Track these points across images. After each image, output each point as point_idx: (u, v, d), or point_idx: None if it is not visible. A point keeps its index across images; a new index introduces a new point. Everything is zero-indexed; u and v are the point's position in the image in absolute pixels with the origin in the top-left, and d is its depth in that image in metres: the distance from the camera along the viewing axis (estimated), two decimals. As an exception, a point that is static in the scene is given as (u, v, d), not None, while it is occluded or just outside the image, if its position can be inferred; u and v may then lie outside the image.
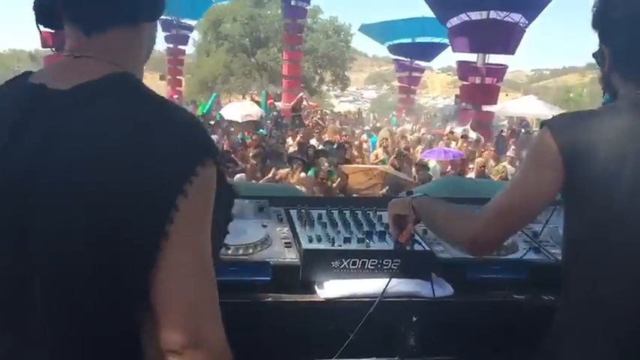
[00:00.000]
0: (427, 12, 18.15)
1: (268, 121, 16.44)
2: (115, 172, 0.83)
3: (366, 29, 29.34)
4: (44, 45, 18.70)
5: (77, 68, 0.93)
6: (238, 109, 15.88)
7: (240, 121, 14.51)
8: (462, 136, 12.11)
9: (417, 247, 1.76)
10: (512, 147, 10.97)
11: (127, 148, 0.84)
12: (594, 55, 1.38)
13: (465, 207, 1.61)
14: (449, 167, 9.34)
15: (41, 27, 1.00)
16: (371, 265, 1.70)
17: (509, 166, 9.83)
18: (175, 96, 28.72)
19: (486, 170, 9.05)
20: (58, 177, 0.84)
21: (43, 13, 0.98)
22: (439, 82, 79.95)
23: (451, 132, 13.10)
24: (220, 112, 17.31)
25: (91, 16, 0.93)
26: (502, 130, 18.19)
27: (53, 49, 19.40)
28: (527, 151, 1.41)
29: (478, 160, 9.19)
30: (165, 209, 0.83)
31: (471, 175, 8.54)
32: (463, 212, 1.49)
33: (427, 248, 1.82)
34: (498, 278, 1.87)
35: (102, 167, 0.83)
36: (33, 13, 0.98)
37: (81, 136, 0.85)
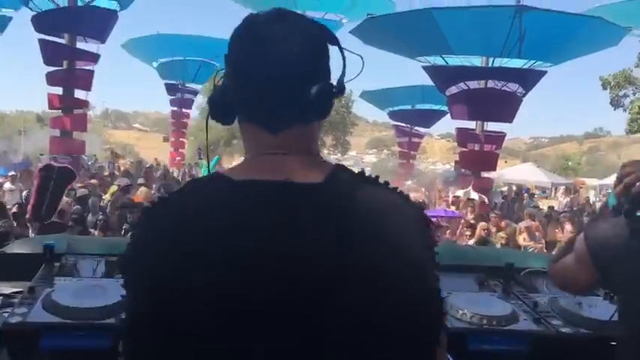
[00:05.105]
0: (426, 80, 18.57)
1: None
2: (403, 255, 0.90)
3: (367, 95, 29.87)
4: (51, 107, 19.21)
5: (296, 166, 0.96)
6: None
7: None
8: (467, 199, 12.09)
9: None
10: (526, 221, 10.83)
11: (400, 230, 0.93)
12: None
13: None
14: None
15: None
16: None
17: (521, 239, 9.80)
18: (178, 158, 28.99)
19: (490, 236, 8.99)
20: (365, 267, 0.86)
21: (218, 110, 1.04)
22: (439, 147, 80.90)
23: (455, 197, 13.09)
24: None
25: (275, 118, 0.97)
26: (504, 195, 18.27)
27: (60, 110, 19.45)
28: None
29: (482, 223, 9.14)
30: (436, 284, 0.94)
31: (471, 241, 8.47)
32: None
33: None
34: (500, 349, 1.84)
35: (393, 251, 0.89)
36: (207, 107, 1.05)
37: (370, 224, 0.90)
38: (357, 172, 1.00)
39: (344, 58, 1.01)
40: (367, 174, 1.00)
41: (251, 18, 1.00)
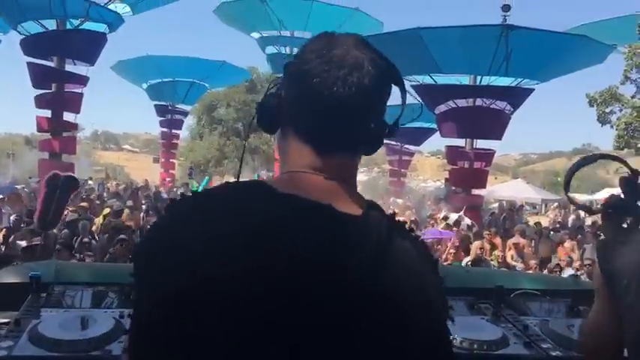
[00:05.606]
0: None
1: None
2: (424, 301, 0.95)
3: (357, 115, 30.01)
4: (40, 129, 19.16)
5: (337, 192, 0.97)
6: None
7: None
8: (455, 222, 12.11)
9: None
10: (516, 237, 10.85)
11: (422, 274, 0.98)
12: None
13: None
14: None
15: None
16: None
17: (509, 256, 9.80)
18: (168, 179, 28.90)
19: (485, 254, 8.99)
20: (388, 310, 0.90)
21: (267, 117, 1.05)
22: (429, 165, 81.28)
23: (445, 218, 13.12)
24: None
25: (327, 141, 0.98)
26: (492, 212, 18.32)
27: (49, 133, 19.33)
28: None
29: (476, 242, 9.14)
30: (445, 320, 1.00)
31: (467, 259, 8.46)
32: None
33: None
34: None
35: (420, 294, 0.95)
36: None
37: (399, 267, 0.94)
38: (388, 213, 1.03)
39: (404, 100, 1.04)
40: (397, 219, 1.04)
41: (329, 37, 1.01)
